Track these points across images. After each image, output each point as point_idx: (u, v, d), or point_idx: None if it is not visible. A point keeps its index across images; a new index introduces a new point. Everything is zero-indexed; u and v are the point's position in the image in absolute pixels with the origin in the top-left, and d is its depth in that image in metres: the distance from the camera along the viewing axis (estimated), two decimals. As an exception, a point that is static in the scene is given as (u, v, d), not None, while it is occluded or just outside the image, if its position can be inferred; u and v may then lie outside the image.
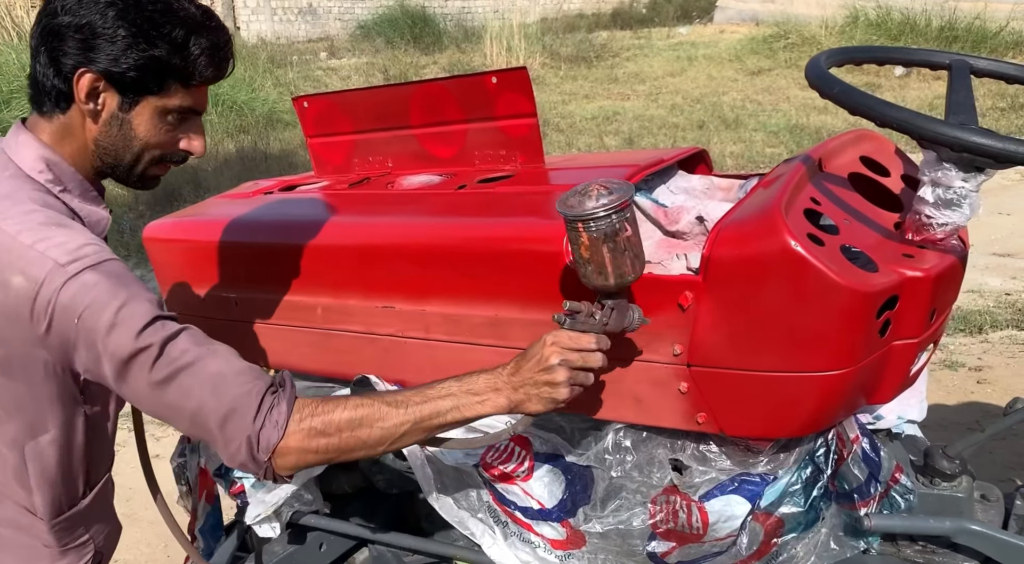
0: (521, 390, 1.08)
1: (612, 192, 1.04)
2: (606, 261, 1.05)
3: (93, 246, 1.00)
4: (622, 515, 1.28)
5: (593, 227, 1.04)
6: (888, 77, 8.57)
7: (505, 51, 10.24)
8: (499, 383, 1.08)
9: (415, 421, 1.04)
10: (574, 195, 1.06)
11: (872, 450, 1.26)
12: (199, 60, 1.06)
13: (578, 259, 1.08)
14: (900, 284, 1.11)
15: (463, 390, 1.07)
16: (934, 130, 1.02)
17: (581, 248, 1.05)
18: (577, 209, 1.03)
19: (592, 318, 1.10)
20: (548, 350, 1.07)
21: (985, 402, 3.05)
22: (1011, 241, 4.74)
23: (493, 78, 1.57)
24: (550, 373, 1.07)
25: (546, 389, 1.07)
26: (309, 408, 1.02)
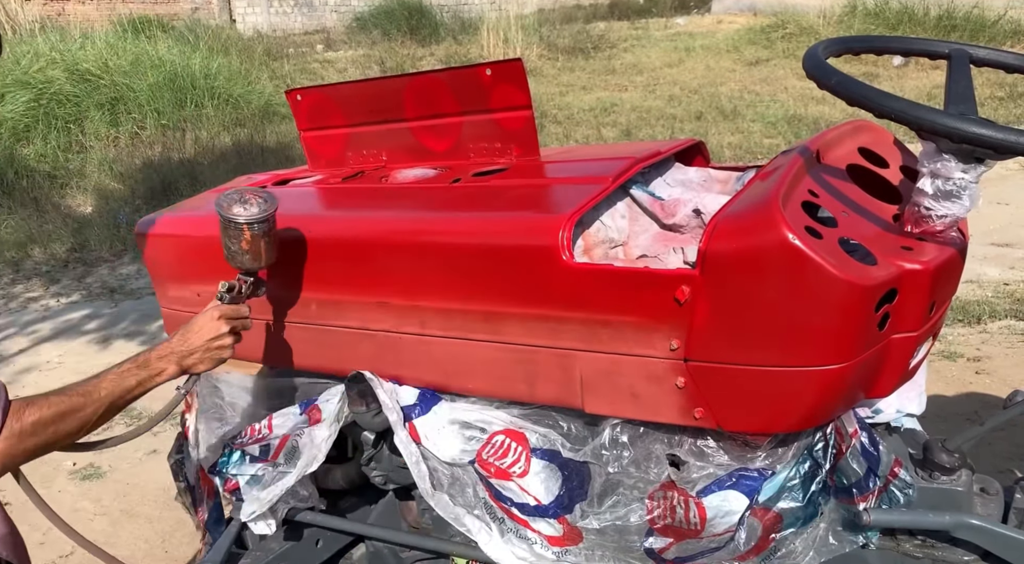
0: (192, 356, 1.34)
1: (267, 200, 1.39)
2: (262, 251, 1.39)
3: None
4: (619, 511, 1.27)
5: (256, 228, 1.37)
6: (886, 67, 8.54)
7: (502, 42, 10.20)
8: (170, 356, 1.32)
9: (108, 404, 1.22)
10: (236, 203, 1.37)
11: (871, 444, 1.25)
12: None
13: (236, 251, 1.39)
14: (899, 277, 1.09)
15: (141, 368, 1.28)
16: (933, 121, 1.01)
17: (243, 242, 1.37)
18: (245, 215, 1.36)
19: (241, 293, 1.43)
20: (219, 323, 1.36)
21: (984, 392, 3.04)
22: (1010, 231, 4.73)
23: (488, 70, 1.55)
24: (222, 339, 1.36)
25: (216, 352, 1.37)
26: (18, 413, 1.09)
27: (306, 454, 1.49)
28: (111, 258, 5.64)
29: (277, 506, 1.56)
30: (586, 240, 1.36)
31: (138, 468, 3.10)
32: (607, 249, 1.39)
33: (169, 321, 1.81)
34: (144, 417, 3.34)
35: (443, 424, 1.41)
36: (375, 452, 1.57)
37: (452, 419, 1.41)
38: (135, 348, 4.26)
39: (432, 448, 1.40)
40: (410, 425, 1.42)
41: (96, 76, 7.57)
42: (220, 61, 8.62)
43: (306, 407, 1.55)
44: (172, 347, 1.33)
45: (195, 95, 7.95)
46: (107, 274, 5.41)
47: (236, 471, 1.58)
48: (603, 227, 1.39)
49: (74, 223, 6.11)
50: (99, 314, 4.76)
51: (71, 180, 6.81)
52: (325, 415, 1.50)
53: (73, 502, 2.93)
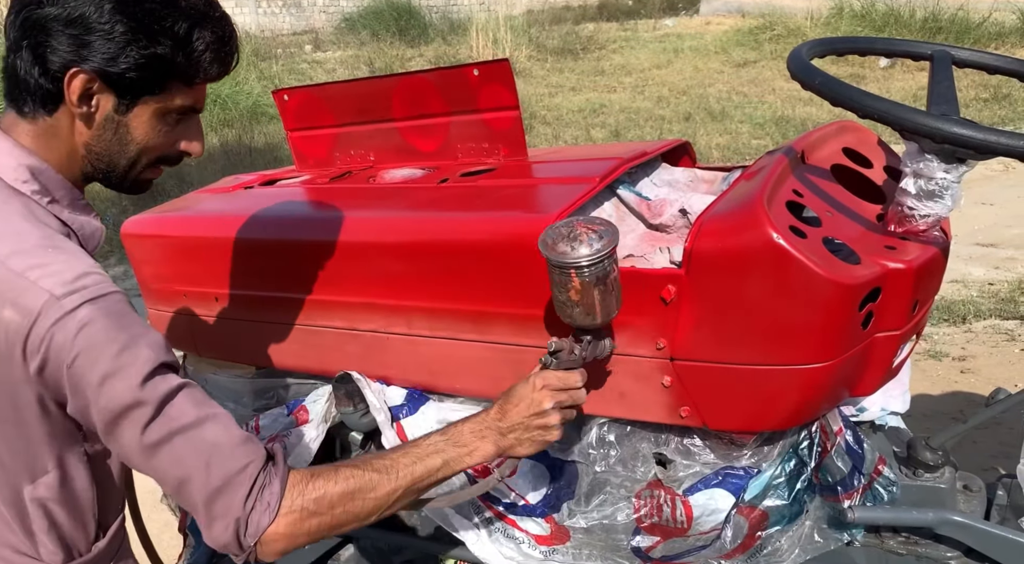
0: (511, 435, 1.08)
1: (602, 236, 1.05)
2: (596, 303, 1.07)
3: (93, 275, 0.90)
4: (606, 510, 1.27)
5: (587, 273, 1.04)
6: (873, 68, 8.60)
7: (491, 43, 10.20)
8: (485, 431, 1.07)
9: (407, 486, 1.01)
10: (562, 240, 1.05)
11: (855, 442, 1.26)
12: (203, 56, 0.96)
13: (565, 301, 1.08)
14: (882, 276, 1.10)
15: (450, 444, 1.05)
16: (915, 121, 1.02)
17: (570, 292, 1.06)
18: (571, 256, 1.03)
19: (573, 354, 1.11)
20: (540, 395, 1.07)
21: (968, 391, 3.07)
22: (994, 231, 4.77)
23: (475, 70, 1.55)
24: (544, 417, 1.07)
25: (538, 433, 1.08)
26: (300, 486, 0.94)
27: (293, 455, 1.48)
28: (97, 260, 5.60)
29: (264, 507, 1.56)
30: (573, 240, 1.37)
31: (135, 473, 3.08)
32: (594, 249, 1.40)
33: (155, 323, 1.81)
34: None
35: (431, 424, 1.41)
36: (363, 453, 1.57)
37: (440, 419, 1.41)
38: (122, 350, 4.23)
39: (420, 448, 1.40)
40: (397, 425, 1.42)
41: (82, 76, 7.51)
42: (207, 61, 8.57)
43: (293, 408, 1.55)
44: (489, 421, 1.08)
45: (183, 95, 7.89)
46: (93, 275, 5.37)
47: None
48: (590, 227, 1.40)
49: (60, 224, 6.05)
50: (85, 316, 4.72)
51: (57, 181, 6.75)
52: (312, 416, 1.50)
53: (59, 505, 2.91)
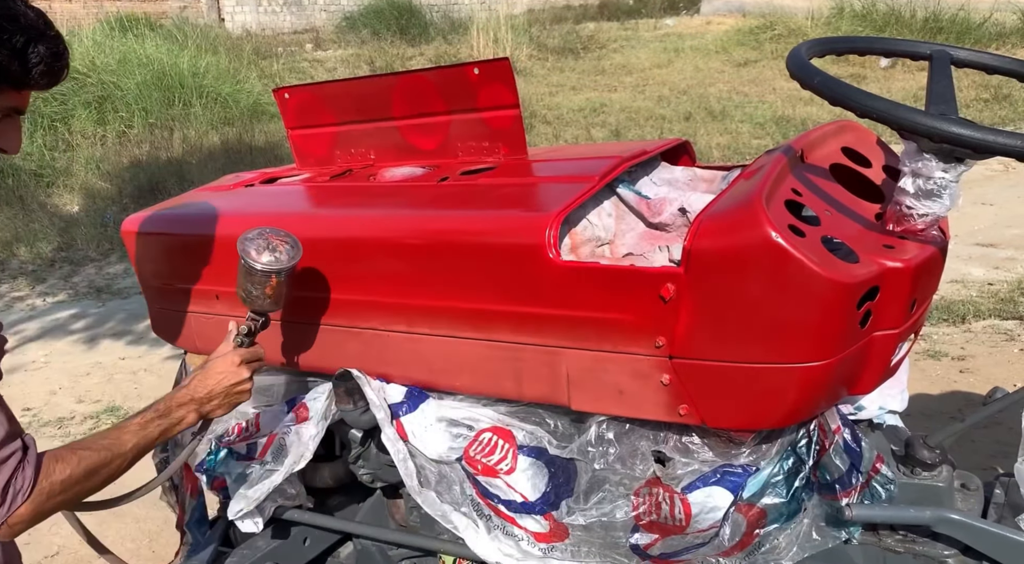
0: (211, 403, 1.30)
1: (293, 246, 1.35)
2: (282, 295, 1.36)
3: None
4: (605, 507, 1.27)
5: (283, 275, 1.33)
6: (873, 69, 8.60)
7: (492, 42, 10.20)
8: (189, 403, 1.27)
9: (133, 457, 1.18)
10: (265, 250, 1.32)
11: (853, 441, 1.26)
12: (36, 68, 1.06)
13: (259, 295, 1.34)
14: (881, 275, 1.11)
15: (162, 416, 1.23)
16: (913, 120, 1.02)
17: (267, 289, 1.34)
18: (275, 264, 1.32)
19: (255, 332, 1.39)
20: (240, 369, 1.31)
21: (967, 391, 3.07)
22: (994, 231, 4.78)
23: (475, 69, 1.56)
24: (243, 384, 1.32)
25: (236, 396, 1.32)
26: (47, 470, 1.06)
27: (293, 452, 1.49)
28: (98, 257, 5.61)
29: (264, 504, 1.56)
30: (573, 238, 1.37)
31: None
32: (594, 247, 1.40)
33: (156, 321, 1.81)
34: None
35: (430, 422, 1.41)
36: (363, 450, 1.57)
37: (439, 417, 1.41)
38: (122, 348, 4.24)
39: (419, 446, 1.41)
40: (397, 423, 1.43)
41: (83, 74, 7.52)
42: (208, 60, 8.59)
43: (293, 405, 1.55)
44: (192, 393, 1.27)
45: (183, 94, 7.91)
46: (94, 273, 5.39)
47: (223, 469, 1.58)
48: (590, 225, 1.40)
49: (61, 222, 6.08)
50: (86, 314, 4.74)
51: (57, 179, 6.77)
52: (312, 413, 1.50)
53: (59, 502, 2.91)
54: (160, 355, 4.06)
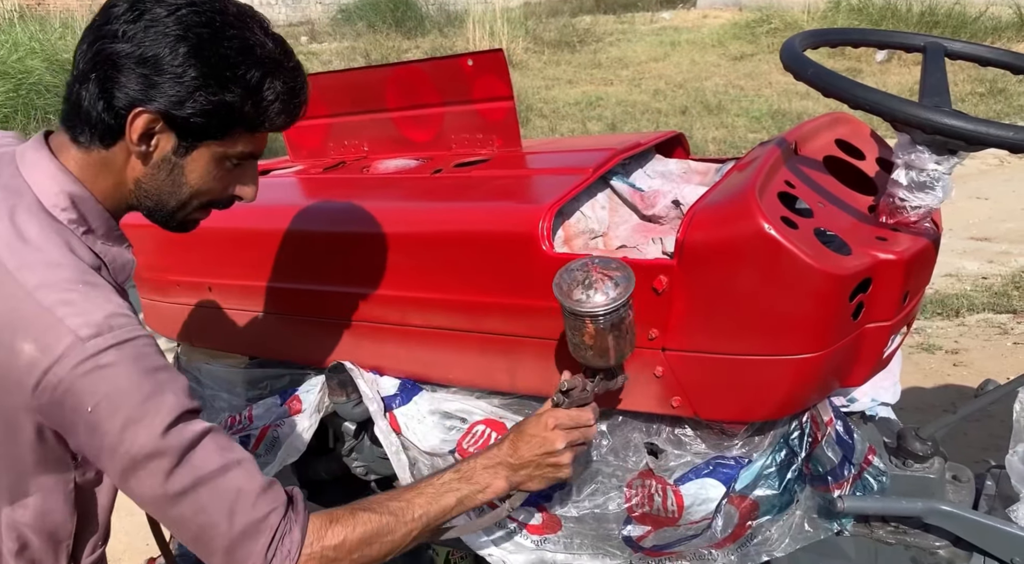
0: (522, 472, 1.09)
1: (618, 284, 1.05)
2: (610, 348, 1.07)
3: (121, 317, 0.87)
4: (598, 499, 1.28)
5: (602, 321, 1.04)
6: (869, 62, 8.60)
7: (488, 35, 10.17)
8: (497, 468, 1.08)
9: (423, 527, 1.01)
10: (577, 286, 1.05)
11: (846, 433, 1.27)
12: (272, 107, 0.94)
13: (578, 344, 1.08)
14: (873, 267, 1.11)
15: (464, 481, 1.06)
16: (906, 112, 1.02)
17: (585, 336, 1.06)
18: (586, 305, 1.03)
19: (585, 391, 1.11)
20: (552, 434, 1.08)
21: (961, 384, 3.08)
22: (988, 225, 4.79)
23: (469, 61, 1.55)
24: (556, 457, 1.09)
25: (550, 470, 1.10)
26: (319, 532, 0.93)
27: (286, 445, 1.49)
28: (92, 250, 5.59)
29: (257, 496, 1.56)
30: (566, 230, 1.37)
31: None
32: (587, 239, 1.40)
33: (149, 313, 1.80)
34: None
35: (424, 414, 1.41)
36: (356, 443, 1.57)
37: (433, 409, 1.41)
38: (116, 341, 4.22)
39: (412, 438, 1.41)
40: (390, 415, 1.43)
41: (77, 66, 7.48)
42: (203, 52, 8.53)
43: (286, 397, 1.55)
44: (501, 457, 1.08)
45: (178, 86, 7.86)
46: (88, 266, 5.36)
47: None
48: (583, 218, 1.40)
49: (54, 215, 6.04)
50: (80, 307, 4.72)
51: (51, 171, 6.73)
52: (305, 405, 1.50)
53: (53, 495, 2.91)
54: (154, 348, 4.05)
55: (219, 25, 0.91)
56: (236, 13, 0.94)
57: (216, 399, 1.67)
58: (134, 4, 0.89)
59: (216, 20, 0.91)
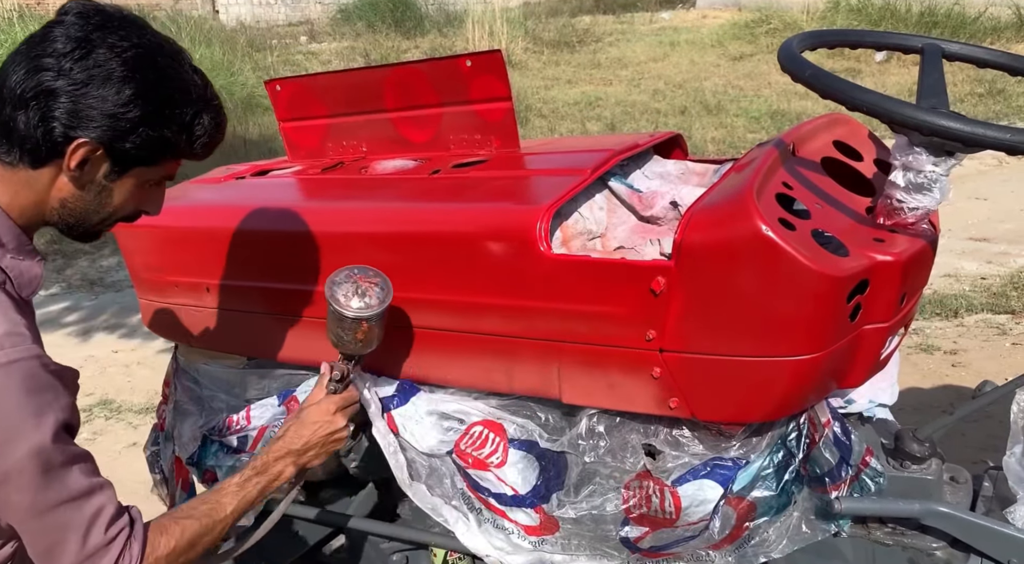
0: (308, 454, 1.23)
1: (383, 288, 1.28)
2: (375, 338, 1.29)
3: (13, 336, 0.92)
4: (595, 500, 1.28)
5: (374, 320, 1.26)
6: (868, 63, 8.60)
7: (487, 35, 10.17)
8: (286, 456, 1.21)
9: (234, 519, 1.14)
10: (354, 295, 1.25)
11: (843, 434, 1.27)
12: (200, 139, 1.05)
13: (350, 340, 1.27)
14: (870, 268, 1.11)
15: (260, 474, 1.18)
16: (903, 113, 1.02)
17: (358, 333, 1.26)
18: (365, 310, 1.25)
19: (348, 376, 1.31)
20: (336, 418, 1.25)
21: (959, 385, 3.08)
22: (987, 226, 4.79)
23: (468, 61, 1.55)
24: (340, 432, 1.26)
25: (333, 445, 1.26)
26: (152, 544, 1.02)
27: (284, 445, 1.48)
28: (91, 250, 5.59)
29: (255, 497, 1.56)
30: (564, 232, 1.37)
31: (117, 461, 3.08)
32: (585, 241, 1.40)
33: (147, 313, 1.80)
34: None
35: (421, 415, 1.41)
36: (354, 443, 1.57)
37: (430, 410, 1.41)
38: (115, 341, 4.23)
39: (410, 439, 1.41)
40: (388, 416, 1.43)
41: (75, 66, 7.46)
42: (202, 52, 8.53)
43: (285, 398, 1.55)
44: (287, 445, 1.21)
45: (177, 86, 7.85)
46: (87, 266, 5.37)
47: (214, 463, 1.58)
48: (581, 219, 1.40)
49: (53, 215, 6.03)
50: (79, 306, 4.72)
51: (50, 171, 6.72)
52: (303, 406, 1.50)
53: (51, 495, 2.91)
54: (153, 348, 4.05)
55: (161, 67, 0.99)
56: (171, 52, 1.02)
57: (214, 399, 1.67)
58: (79, 43, 0.95)
59: (158, 62, 0.99)
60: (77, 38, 0.95)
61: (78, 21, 0.97)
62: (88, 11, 0.98)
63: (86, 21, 0.97)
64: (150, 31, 1.01)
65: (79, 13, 0.98)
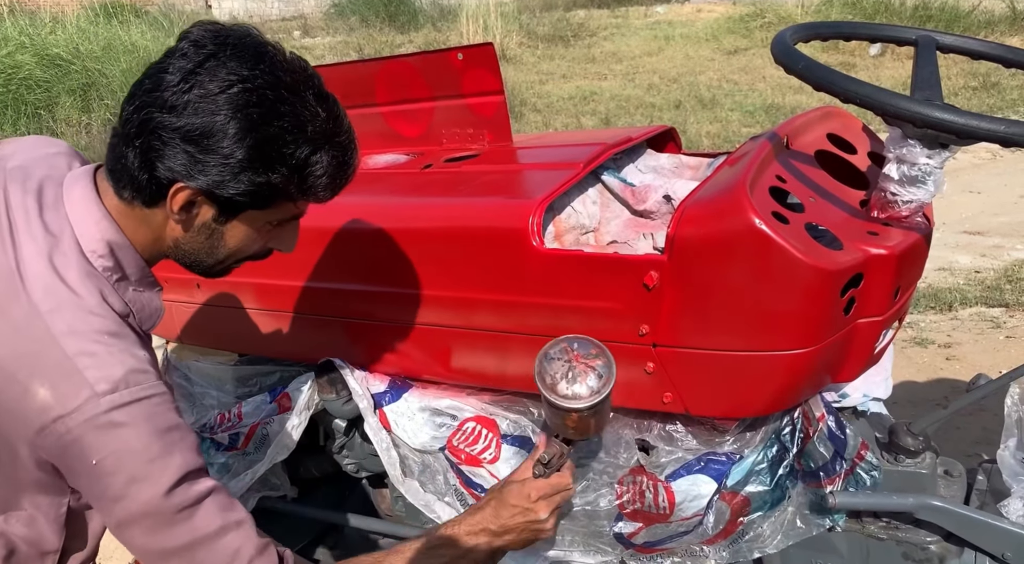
0: (505, 536, 1.10)
1: (601, 375, 1.05)
2: (591, 427, 1.10)
3: (139, 373, 0.88)
4: (589, 496, 1.27)
5: (586, 413, 1.05)
6: (863, 56, 8.60)
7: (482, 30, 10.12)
8: (480, 533, 1.09)
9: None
10: (562, 379, 1.05)
11: (838, 428, 1.26)
12: (319, 181, 0.93)
13: (560, 426, 1.10)
14: (864, 262, 1.10)
15: (448, 546, 1.07)
16: (897, 106, 1.01)
17: (567, 422, 1.07)
18: (571, 401, 1.04)
19: (563, 458, 1.13)
20: (536, 506, 1.09)
21: (953, 378, 3.09)
22: (981, 219, 4.79)
23: (459, 54, 1.54)
24: (540, 524, 1.10)
25: (532, 534, 1.11)
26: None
27: (276, 442, 1.48)
28: (84, 247, 5.56)
29: (247, 495, 1.55)
30: (557, 226, 1.36)
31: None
32: (578, 235, 1.39)
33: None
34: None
35: (414, 411, 1.41)
36: (347, 440, 1.56)
37: (423, 406, 1.40)
38: (108, 338, 4.20)
39: (402, 435, 1.40)
40: (380, 412, 1.42)
41: (67, 61, 7.43)
42: (195, 47, 8.48)
43: (276, 395, 1.54)
44: (484, 523, 1.09)
45: (170, 82, 7.81)
46: (79, 263, 5.33)
47: (205, 459, 1.57)
48: (574, 213, 1.39)
49: (45, 211, 6.00)
50: (71, 303, 4.69)
51: (42, 167, 6.69)
52: (295, 403, 1.49)
53: (44, 493, 2.89)
54: (146, 345, 4.03)
55: (271, 102, 0.88)
56: (289, 84, 0.90)
57: (205, 396, 1.66)
58: (187, 75, 0.87)
59: (268, 97, 0.88)
60: (186, 70, 0.87)
61: (190, 50, 0.88)
62: (203, 38, 0.89)
63: (198, 50, 0.88)
64: (268, 59, 0.90)
65: (194, 40, 0.89)
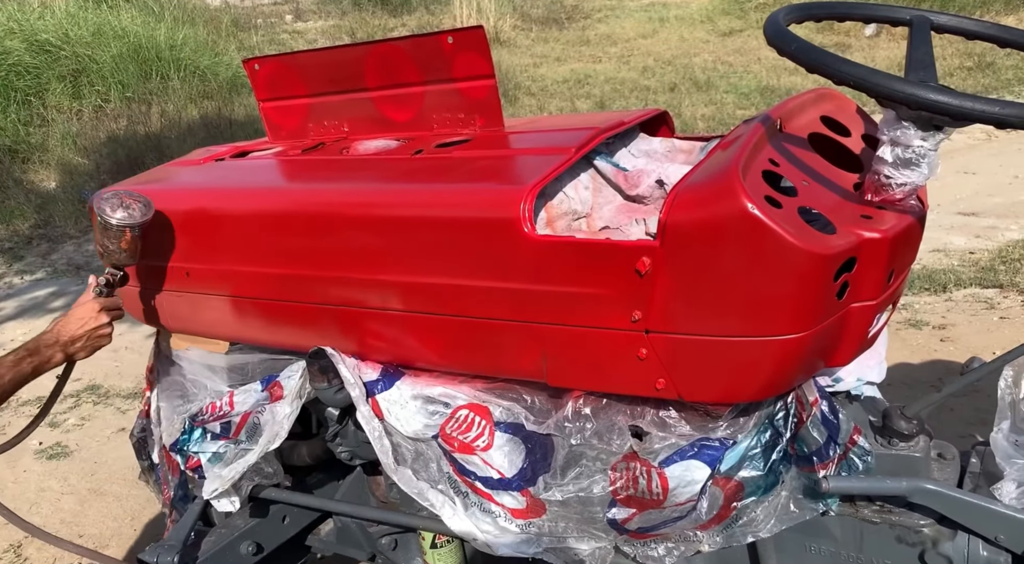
0: (76, 344, 1.49)
1: (145, 204, 1.51)
2: (137, 250, 1.53)
3: None
4: (582, 483, 1.27)
5: (137, 230, 1.50)
6: (858, 37, 8.56)
7: (475, 13, 10.04)
8: (55, 345, 1.46)
9: (10, 389, 1.39)
10: (119, 207, 1.48)
11: (831, 413, 1.26)
12: None
13: (115, 249, 1.51)
14: (858, 246, 1.09)
15: (33, 355, 1.43)
16: (890, 87, 1.00)
17: (122, 243, 1.49)
18: (129, 220, 1.48)
19: (114, 285, 1.57)
20: (101, 316, 1.51)
21: (948, 360, 3.09)
22: (976, 200, 4.79)
23: (449, 38, 1.51)
24: (103, 329, 1.53)
25: (97, 340, 1.52)
26: None
27: (268, 431, 1.47)
28: (76, 235, 5.54)
29: (241, 483, 1.55)
30: (549, 212, 1.35)
31: (106, 446, 3.07)
32: (570, 221, 1.38)
33: (128, 299, 1.77)
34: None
35: (406, 399, 1.40)
36: (340, 428, 1.56)
37: (415, 394, 1.40)
38: (102, 326, 4.19)
39: (395, 423, 1.39)
40: (373, 400, 1.41)
41: (56, 47, 7.36)
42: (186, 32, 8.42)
43: (268, 383, 1.53)
44: (57, 336, 1.45)
45: (160, 67, 7.77)
46: (72, 251, 5.32)
47: (197, 449, 1.56)
48: (566, 199, 1.38)
49: (37, 199, 5.98)
50: (65, 291, 4.68)
51: (33, 154, 6.66)
52: (287, 391, 1.48)
53: (39, 481, 2.90)
54: (141, 333, 4.02)
55: None
56: None
57: (197, 385, 1.65)
58: None
59: None
60: None
61: None
62: None
63: None
64: None
65: None
